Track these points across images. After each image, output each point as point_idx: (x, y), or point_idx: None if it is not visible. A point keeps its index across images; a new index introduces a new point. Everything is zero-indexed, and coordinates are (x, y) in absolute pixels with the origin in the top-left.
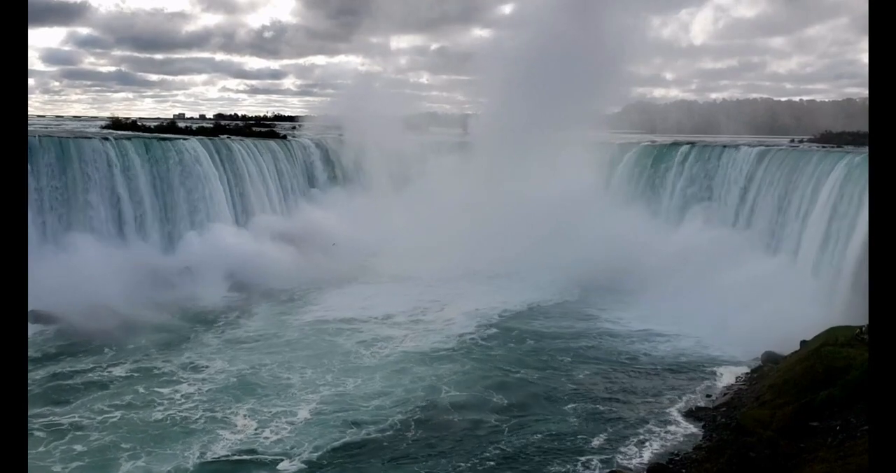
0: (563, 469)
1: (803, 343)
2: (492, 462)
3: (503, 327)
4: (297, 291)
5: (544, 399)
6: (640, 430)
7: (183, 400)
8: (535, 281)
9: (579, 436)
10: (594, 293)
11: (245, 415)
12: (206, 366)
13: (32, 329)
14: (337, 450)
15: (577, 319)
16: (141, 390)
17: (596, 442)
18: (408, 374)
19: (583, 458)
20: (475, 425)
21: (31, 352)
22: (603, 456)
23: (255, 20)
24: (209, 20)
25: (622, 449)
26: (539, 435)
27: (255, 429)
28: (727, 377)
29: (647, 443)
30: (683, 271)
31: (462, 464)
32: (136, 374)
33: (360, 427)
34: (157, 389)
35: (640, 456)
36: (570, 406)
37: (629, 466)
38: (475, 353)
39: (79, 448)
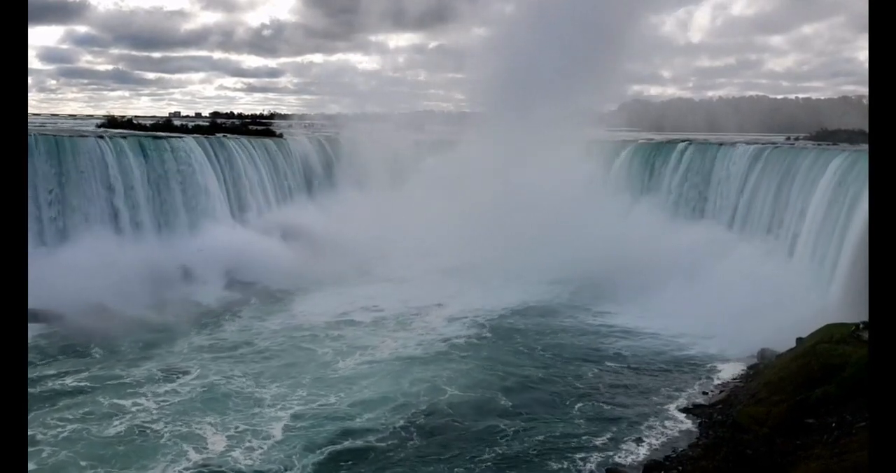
0: (561, 467)
1: (799, 340)
2: (490, 463)
3: (499, 327)
4: (291, 290)
5: (541, 398)
6: (638, 428)
7: (145, 413)
8: (531, 279)
9: (577, 434)
10: (590, 291)
11: (223, 429)
12: (181, 375)
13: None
14: (334, 459)
15: (574, 317)
16: (104, 401)
17: (593, 440)
18: (405, 377)
19: (580, 456)
20: (475, 427)
21: None
22: (600, 454)
23: (254, 18)
24: (208, 18)
25: (620, 447)
26: (537, 434)
27: (232, 444)
28: (724, 374)
29: (644, 441)
30: (680, 269)
31: (461, 467)
32: (103, 383)
33: (355, 436)
34: (120, 401)
35: (638, 454)
36: (567, 404)
37: (627, 463)
38: (471, 354)
39: (28, 466)
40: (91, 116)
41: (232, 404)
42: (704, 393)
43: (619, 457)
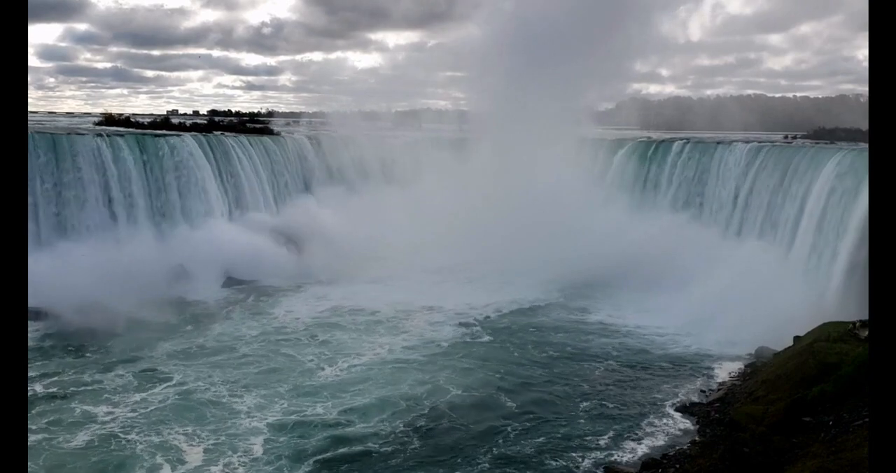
0: (559, 466)
1: (796, 338)
2: (488, 464)
3: (494, 327)
4: (286, 290)
5: (539, 397)
6: (635, 426)
7: (117, 422)
8: (527, 278)
9: (575, 433)
10: (586, 290)
11: (200, 440)
12: (160, 382)
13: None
14: (326, 467)
15: (571, 317)
16: (76, 407)
17: (591, 439)
18: (402, 379)
19: (578, 454)
20: (473, 428)
21: None
22: (598, 452)
23: (255, 17)
24: (208, 16)
25: (617, 445)
26: (535, 433)
27: (212, 457)
28: (721, 372)
29: (641, 439)
30: (677, 267)
31: (459, 469)
32: (77, 388)
33: (354, 442)
34: (92, 408)
35: (635, 452)
36: (564, 403)
37: (624, 461)
38: (468, 355)
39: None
40: (88, 114)
41: (211, 413)
42: (702, 392)
43: (617, 456)
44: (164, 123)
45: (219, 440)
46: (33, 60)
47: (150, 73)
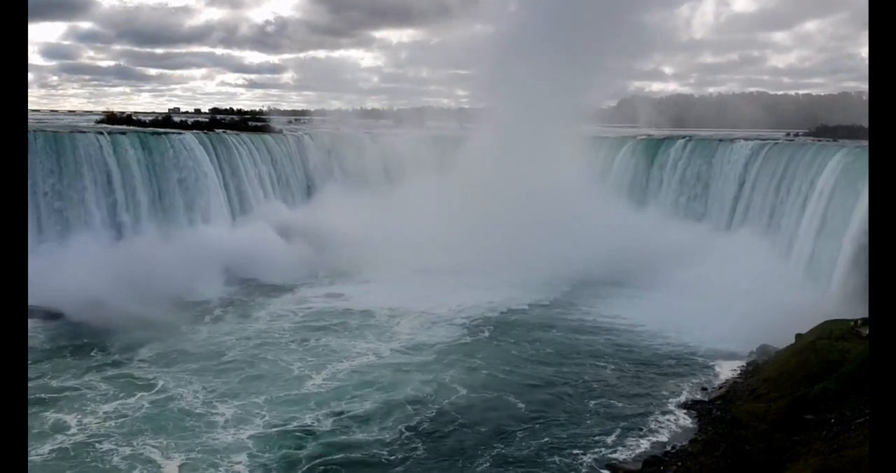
0: (560, 463)
1: (798, 336)
2: (488, 463)
3: (496, 327)
4: (285, 290)
5: (540, 396)
6: (637, 424)
7: (96, 430)
8: (530, 276)
9: (577, 430)
10: (588, 288)
11: (187, 449)
12: (150, 386)
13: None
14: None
15: (572, 315)
16: (50, 414)
17: (593, 436)
18: (404, 381)
19: (579, 452)
20: (472, 427)
21: None
22: (600, 450)
23: (259, 15)
24: (212, 15)
25: (619, 443)
26: (537, 431)
27: (204, 464)
28: (723, 370)
29: (643, 436)
30: (679, 265)
31: (457, 468)
32: (57, 393)
33: (352, 448)
34: (63, 416)
35: (637, 449)
36: (566, 401)
37: (626, 459)
38: (468, 356)
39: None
40: (90, 112)
41: (199, 420)
42: (704, 390)
43: (619, 453)
44: (166, 121)
45: (210, 449)
46: (36, 59)
47: (152, 72)
